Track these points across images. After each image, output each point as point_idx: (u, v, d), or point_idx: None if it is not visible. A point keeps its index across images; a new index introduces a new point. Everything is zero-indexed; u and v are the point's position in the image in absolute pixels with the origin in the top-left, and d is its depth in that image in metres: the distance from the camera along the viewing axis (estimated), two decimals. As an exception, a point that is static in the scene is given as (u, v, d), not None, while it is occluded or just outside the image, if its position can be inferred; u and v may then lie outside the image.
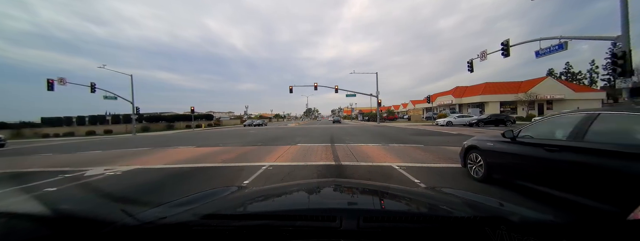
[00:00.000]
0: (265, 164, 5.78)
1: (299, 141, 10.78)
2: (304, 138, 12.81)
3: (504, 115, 24.56)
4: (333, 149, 8.19)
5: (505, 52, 15.24)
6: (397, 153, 7.26)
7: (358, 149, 7.97)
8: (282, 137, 13.77)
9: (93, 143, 15.24)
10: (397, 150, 7.76)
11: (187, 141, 13.18)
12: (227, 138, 14.26)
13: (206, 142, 12.03)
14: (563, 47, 12.40)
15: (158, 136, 20.68)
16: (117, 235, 0.82)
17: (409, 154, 6.92)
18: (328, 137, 12.77)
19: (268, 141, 11.26)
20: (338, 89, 33.44)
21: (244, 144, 10.38)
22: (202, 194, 1.35)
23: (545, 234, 0.79)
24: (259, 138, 13.33)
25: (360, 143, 9.66)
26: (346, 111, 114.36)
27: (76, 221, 0.85)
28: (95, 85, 26.38)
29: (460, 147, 4.86)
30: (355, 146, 8.72)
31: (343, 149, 8.01)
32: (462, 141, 5.16)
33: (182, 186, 4.13)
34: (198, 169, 5.48)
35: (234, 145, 10.05)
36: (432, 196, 1.36)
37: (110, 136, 28.41)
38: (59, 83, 24.11)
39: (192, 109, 36.01)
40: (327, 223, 0.83)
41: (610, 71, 56.34)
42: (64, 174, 5.33)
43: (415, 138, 11.50)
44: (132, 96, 30.41)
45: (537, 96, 33.24)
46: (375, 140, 10.84)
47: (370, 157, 6.58)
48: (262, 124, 41.61)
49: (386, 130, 18.74)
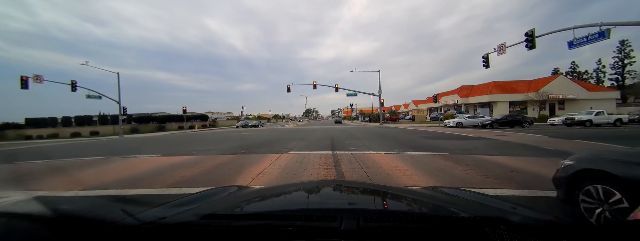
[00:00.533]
0: (235, 188, 3.82)
1: (293, 148, 8.84)
2: (299, 142, 10.88)
3: (521, 115, 22.52)
4: (335, 159, 6.27)
5: (530, 43, 13.36)
6: (421, 165, 5.35)
7: (368, 160, 6.05)
8: (274, 141, 11.83)
9: (57, 148, 13.28)
10: (418, 161, 5.84)
11: (161, 147, 11.22)
12: (211, 142, 12.31)
13: (182, 148, 10.08)
14: (605, 35, 10.52)
15: (142, 139, 18.73)
16: (117, 235, 0.80)
17: (439, 168, 5.01)
18: (328, 141, 10.83)
19: (256, 147, 9.31)
20: (338, 88, 31.53)
21: (224, 151, 8.43)
22: (202, 194, 1.37)
23: (545, 234, 0.78)
24: (247, 143, 11.38)
25: (368, 150, 7.73)
26: (346, 112, 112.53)
27: (76, 221, 0.85)
28: (76, 83, 24.41)
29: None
30: (363, 155, 6.80)
31: (348, 160, 6.09)
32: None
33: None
34: (126, 199, 3.53)
35: (212, 152, 8.11)
36: (432, 196, 1.34)
37: (95, 138, 26.43)
38: (35, 81, 22.12)
39: (184, 109, 34.02)
40: (327, 223, 0.81)
41: (619, 69, 54.70)
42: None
43: (432, 143, 9.58)
44: (119, 96, 28.52)
45: (549, 95, 31.35)
46: (385, 145, 8.91)
47: (389, 174, 4.66)
48: (258, 125, 39.66)
49: (392, 132, 16.83)
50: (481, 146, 8.55)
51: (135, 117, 40.70)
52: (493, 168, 5.07)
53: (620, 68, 54.17)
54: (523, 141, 9.64)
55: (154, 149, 9.72)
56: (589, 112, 20.29)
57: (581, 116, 19.78)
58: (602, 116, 19.46)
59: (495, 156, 6.46)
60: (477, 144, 8.95)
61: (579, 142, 9.30)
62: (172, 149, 9.51)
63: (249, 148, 8.94)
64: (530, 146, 8.43)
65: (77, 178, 5.17)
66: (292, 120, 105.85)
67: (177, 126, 39.77)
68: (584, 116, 19.54)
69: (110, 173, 5.40)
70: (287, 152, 7.67)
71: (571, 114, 21.84)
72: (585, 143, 8.92)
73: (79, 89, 25.31)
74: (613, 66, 55.50)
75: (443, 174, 4.61)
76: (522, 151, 7.34)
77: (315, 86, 31.63)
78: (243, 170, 5.26)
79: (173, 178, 4.71)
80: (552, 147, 8.01)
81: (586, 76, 61.20)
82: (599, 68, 59.83)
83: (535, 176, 4.34)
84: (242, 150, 8.40)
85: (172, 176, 4.80)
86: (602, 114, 19.54)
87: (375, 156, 6.71)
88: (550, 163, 5.45)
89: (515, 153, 6.94)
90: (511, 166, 5.26)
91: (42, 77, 22.38)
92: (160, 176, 4.93)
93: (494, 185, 3.88)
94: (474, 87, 39.16)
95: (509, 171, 4.83)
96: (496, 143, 9.55)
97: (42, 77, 22.38)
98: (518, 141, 9.70)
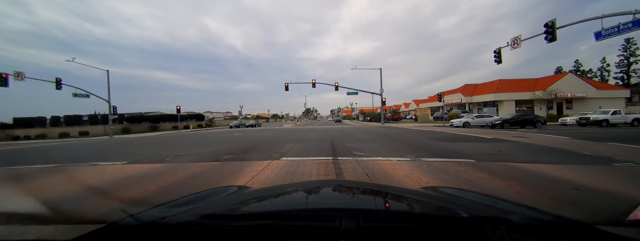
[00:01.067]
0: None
1: (287, 152, 7.60)
2: (295, 145, 9.64)
3: (533, 115, 21.26)
4: (337, 169, 5.03)
5: (550, 35, 12.13)
6: (448, 178, 4.12)
7: (378, 170, 4.82)
8: (267, 143, 10.58)
9: (17, 151, 11.99)
10: (443, 172, 4.61)
11: (138, 150, 9.96)
12: (197, 145, 11.05)
13: (160, 152, 8.80)
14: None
15: (129, 140, 17.46)
16: (117, 235, 0.81)
17: (475, 183, 3.78)
18: (328, 144, 9.59)
19: (244, 151, 8.06)
20: (338, 87, 30.27)
21: (205, 157, 7.18)
22: (202, 194, 1.34)
23: (545, 234, 0.77)
24: (236, 145, 10.12)
25: (376, 156, 6.50)
26: (346, 111, 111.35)
27: (76, 221, 0.89)
28: (61, 81, 23.10)
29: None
30: (371, 163, 5.57)
31: (354, 170, 4.86)
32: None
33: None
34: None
35: (190, 158, 6.87)
36: (432, 196, 1.33)
37: (83, 138, 25.10)
38: (16, 78, 20.81)
39: (178, 109, 32.76)
40: (327, 223, 0.81)
41: (624, 68, 53.62)
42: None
43: (447, 146, 8.35)
44: (109, 94, 27.26)
45: (557, 94, 30.16)
46: (394, 149, 7.68)
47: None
48: (255, 125, 38.40)
49: (397, 132, 15.60)
50: (506, 150, 7.33)
51: (127, 117, 39.33)
52: (543, 183, 3.87)
53: (625, 66, 53.14)
54: (548, 144, 8.43)
55: (126, 154, 8.46)
56: (604, 111, 19.10)
57: (597, 115, 18.58)
58: (619, 116, 18.26)
59: (532, 164, 5.25)
60: (500, 148, 7.73)
61: (613, 145, 8.13)
62: (146, 154, 8.23)
63: (236, 153, 7.67)
64: (561, 150, 7.23)
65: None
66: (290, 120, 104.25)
67: (172, 126, 38.46)
68: (600, 116, 18.35)
69: (33, 191, 4.08)
70: (278, 158, 6.42)
71: (583, 114, 20.67)
72: (620, 146, 7.77)
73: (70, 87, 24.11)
74: (618, 64, 54.42)
75: (481, 190, 3.37)
76: (557, 157, 6.14)
77: (314, 84, 30.40)
78: (218, 185, 4.01)
79: (118, 199, 3.45)
80: (589, 151, 6.82)
81: (590, 74, 60.16)
82: (603, 67, 58.79)
83: (610, 195, 3.15)
84: (227, 155, 7.13)
85: (119, 197, 3.53)
86: (619, 114, 18.34)
87: (386, 164, 5.48)
88: (605, 173, 4.38)
89: (551, 159, 5.74)
90: (565, 179, 4.05)
91: (23, 74, 21.08)
92: (100, 196, 3.66)
93: (574, 213, 2.64)
94: (478, 86, 37.97)
95: (568, 187, 3.64)
96: (519, 145, 8.35)
97: (23, 74, 21.08)
98: (543, 144, 8.49)
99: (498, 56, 15.55)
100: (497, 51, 15.48)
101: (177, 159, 6.68)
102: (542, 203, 3.03)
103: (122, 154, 8.54)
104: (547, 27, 12.12)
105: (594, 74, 59.89)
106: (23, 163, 7.25)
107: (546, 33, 12.16)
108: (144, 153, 8.63)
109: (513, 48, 14.63)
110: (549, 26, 12.06)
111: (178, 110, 32.76)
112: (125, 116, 38.99)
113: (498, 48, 15.44)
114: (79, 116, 35.00)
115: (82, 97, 25.47)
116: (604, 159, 5.62)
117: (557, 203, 3.02)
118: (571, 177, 4.13)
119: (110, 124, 27.17)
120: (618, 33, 10.00)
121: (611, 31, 10.15)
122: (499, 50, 15.42)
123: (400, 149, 7.78)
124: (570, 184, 3.72)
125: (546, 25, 12.17)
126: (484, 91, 35.01)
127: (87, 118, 35.65)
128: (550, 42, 12.16)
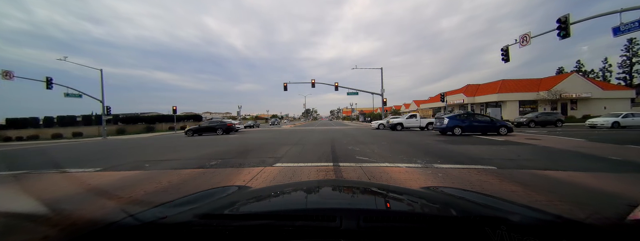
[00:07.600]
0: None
1: (282, 157, 6.88)
2: (293, 147, 8.91)
3: (556, 114, 20.39)
4: (338, 177, 4.30)
5: (563, 31, 11.43)
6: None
7: (386, 179, 4.09)
8: (262, 146, 9.85)
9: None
10: (462, 182, 3.88)
11: (121, 153, 9.24)
12: (185, 148, 10.31)
13: (143, 156, 8.08)
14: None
15: (120, 141, 16.73)
16: (117, 235, 0.79)
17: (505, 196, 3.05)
18: (327, 147, 8.86)
19: (235, 155, 7.33)
20: (338, 87, 29.52)
21: (190, 162, 6.44)
22: (202, 194, 1.33)
23: (545, 234, 0.76)
24: (228, 148, 9.39)
25: (382, 161, 5.77)
26: (346, 112, 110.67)
27: (76, 220, 0.85)
28: (51, 80, 22.33)
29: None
30: (377, 170, 4.84)
31: (358, 179, 4.13)
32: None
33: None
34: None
35: (173, 164, 6.14)
36: (432, 196, 1.29)
37: (75, 140, 24.33)
38: (4, 77, 20.06)
39: (174, 109, 31.94)
40: (327, 223, 0.79)
41: (627, 69, 53.03)
42: None
43: (456, 149, 7.63)
44: (102, 94, 26.46)
45: (562, 94, 29.47)
46: (400, 152, 6.95)
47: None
48: (253, 126, 37.66)
49: (400, 134, 14.89)
50: (524, 154, 6.62)
51: (122, 118, 38.56)
52: (585, 196, 3.21)
53: (628, 67, 52.59)
54: (566, 147, 7.71)
55: (108, 158, 7.72)
56: (615, 114, 18.35)
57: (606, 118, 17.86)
58: (629, 119, 17.40)
59: (562, 171, 4.56)
60: (517, 151, 7.01)
61: (634, 148, 7.49)
62: (127, 158, 7.48)
63: (225, 157, 6.93)
64: (583, 154, 6.51)
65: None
66: (288, 121, 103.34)
67: (168, 126, 37.68)
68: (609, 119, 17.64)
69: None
70: (272, 164, 5.69)
71: (617, 114, 19.47)
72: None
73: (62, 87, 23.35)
74: (621, 64, 53.85)
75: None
76: (583, 162, 5.44)
77: (313, 84, 29.64)
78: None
79: (53, 224, 2.73)
80: (615, 156, 6.11)
81: (592, 75, 59.56)
82: (605, 67, 58.22)
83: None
84: (215, 161, 6.40)
85: (58, 220, 2.81)
86: (630, 117, 17.49)
87: (394, 171, 4.75)
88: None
89: (579, 165, 5.03)
90: (608, 191, 3.40)
91: (12, 74, 20.32)
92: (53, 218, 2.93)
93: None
94: (481, 86, 37.28)
95: (621, 202, 2.97)
96: (536, 149, 7.63)
97: (12, 74, 20.32)
98: (560, 147, 7.77)
99: (506, 53, 14.87)
100: (504, 48, 14.79)
101: (156, 166, 5.93)
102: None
103: (102, 158, 7.80)
104: (559, 23, 11.43)
105: (596, 74, 59.28)
106: (6, 169, 6.52)
107: (559, 29, 11.47)
108: (126, 157, 7.89)
109: (522, 45, 13.95)
110: (562, 22, 11.37)
111: (174, 110, 31.95)
112: (120, 117, 38.24)
113: (506, 46, 14.76)
114: (72, 116, 34.22)
115: (75, 97, 24.67)
116: (636, 165, 4.93)
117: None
118: (613, 189, 3.46)
119: (104, 125, 26.37)
120: (638, 28, 9.32)
121: (632, 26, 9.47)
122: (507, 48, 14.74)
123: (406, 152, 7.06)
124: (623, 200, 3.04)
125: (559, 21, 11.48)
126: (487, 91, 34.31)
127: (80, 119, 34.84)
128: (563, 39, 11.45)
